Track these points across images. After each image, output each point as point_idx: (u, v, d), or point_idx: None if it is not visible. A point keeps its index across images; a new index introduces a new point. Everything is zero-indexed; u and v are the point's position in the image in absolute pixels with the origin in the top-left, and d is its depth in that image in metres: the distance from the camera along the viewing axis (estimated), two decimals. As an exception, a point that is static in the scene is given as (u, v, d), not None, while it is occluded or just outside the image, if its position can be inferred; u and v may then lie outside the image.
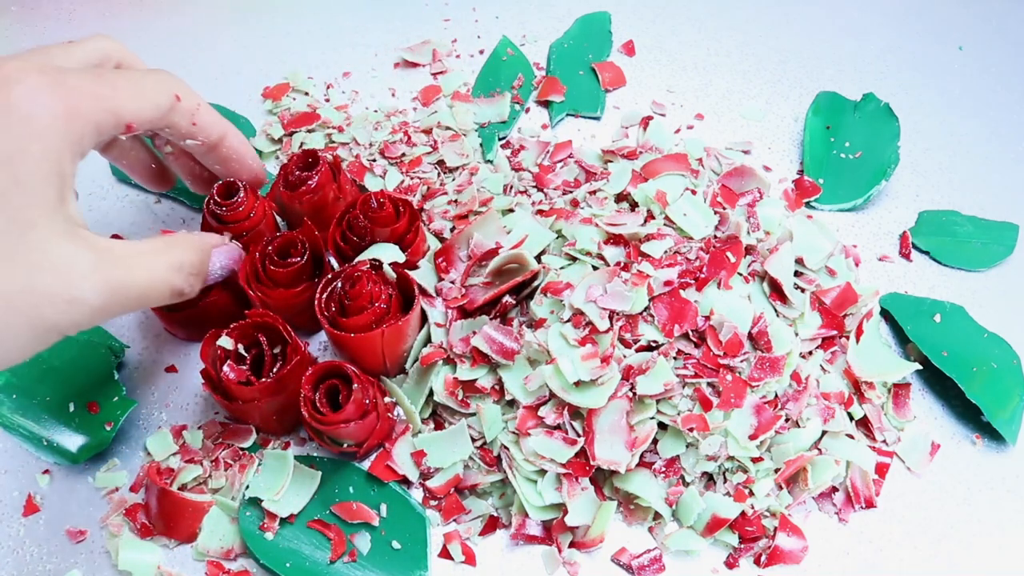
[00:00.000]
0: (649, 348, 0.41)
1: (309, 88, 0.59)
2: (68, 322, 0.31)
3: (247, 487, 0.41)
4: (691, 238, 0.45)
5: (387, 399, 0.43)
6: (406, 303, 0.43)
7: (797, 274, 0.46)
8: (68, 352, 0.45)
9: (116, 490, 0.42)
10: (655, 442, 0.41)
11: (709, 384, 0.41)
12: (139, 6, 0.64)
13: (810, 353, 0.44)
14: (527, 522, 0.41)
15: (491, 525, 0.42)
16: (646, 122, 0.56)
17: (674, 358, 0.41)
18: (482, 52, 0.62)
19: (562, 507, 0.40)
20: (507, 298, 0.44)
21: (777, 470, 0.41)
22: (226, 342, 0.40)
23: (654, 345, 0.41)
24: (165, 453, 0.43)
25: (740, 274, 0.44)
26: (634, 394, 0.40)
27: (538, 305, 0.43)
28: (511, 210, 0.49)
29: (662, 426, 0.41)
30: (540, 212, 0.49)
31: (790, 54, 0.63)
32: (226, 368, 0.39)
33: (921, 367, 0.46)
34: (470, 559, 0.41)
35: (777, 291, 0.44)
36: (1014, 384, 0.46)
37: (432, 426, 0.44)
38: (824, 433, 0.43)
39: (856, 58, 0.63)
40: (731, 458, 0.41)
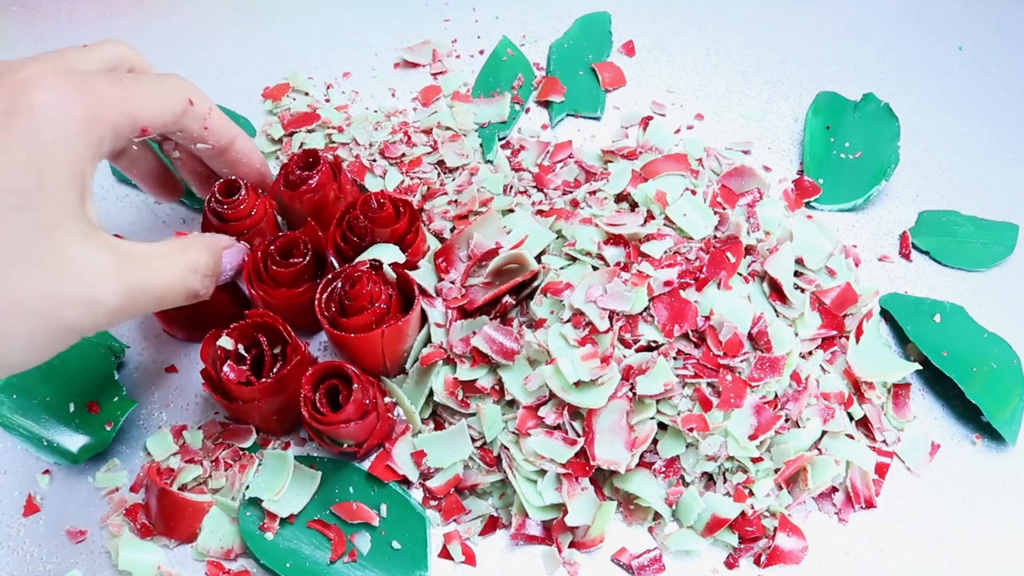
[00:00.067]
0: (649, 348, 0.41)
1: (309, 88, 0.59)
2: (88, 323, 0.31)
3: (247, 487, 0.41)
4: (691, 238, 0.45)
5: (387, 399, 0.43)
6: (406, 303, 0.43)
7: (797, 274, 0.46)
8: (68, 352, 0.43)
9: (116, 490, 0.42)
10: (655, 442, 0.41)
11: (709, 384, 0.41)
12: (139, 6, 0.64)
13: (810, 353, 0.44)
14: (527, 522, 0.41)
15: (491, 525, 0.42)
16: (646, 122, 0.56)
17: (674, 358, 0.41)
18: (482, 52, 0.62)
19: (562, 507, 0.40)
20: (507, 298, 0.44)
21: (777, 470, 0.41)
22: (226, 342, 0.40)
23: (654, 345, 0.41)
24: (165, 453, 0.43)
25: (740, 274, 0.44)
26: (634, 394, 0.40)
27: (538, 305, 0.43)
28: (511, 210, 0.49)
29: (662, 426, 0.41)
30: (540, 212, 0.49)
31: (790, 54, 0.63)
32: (226, 368, 0.39)
33: (921, 367, 0.46)
34: (470, 559, 0.41)
35: (777, 291, 0.44)
36: (1014, 384, 0.46)
37: (432, 426, 0.44)
38: (824, 433, 0.43)
39: (856, 58, 0.63)
40: (731, 458, 0.41)
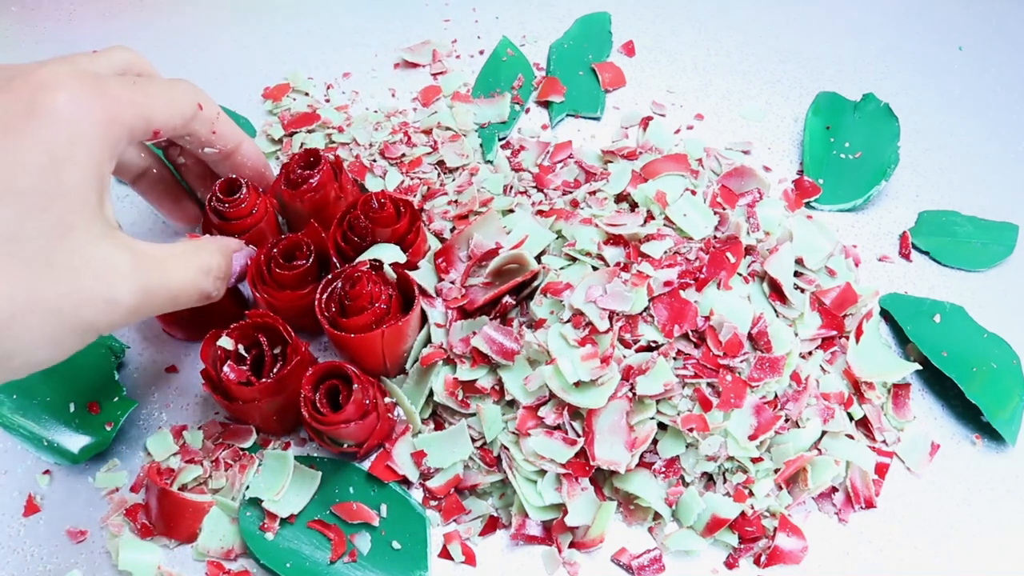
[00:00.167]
0: (649, 348, 0.41)
1: (309, 88, 0.59)
2: (105, 322, 0.32)
3: (247, 487, 0.41)
4: (691, 238, 0.45)
5: (387, 399, 0.43)
6: (406, 303, 0.43)
7: (797, 274, 0.46)
8: (68, 352, 0.45)
9: (116, 490, 0.42)
10: (655, 442, 0.41)
11: (709, 384, 0.41)
12: (139, 6, 0.64)
13: (810, 353, 0.44)
14: (527, 522, 0.41)
15: (491, 525, 0.42)
16: (646, 122, 0.56)
17: (674, 358, 0.41)
18: (482, 52, 0.62)
19: (562, 507, 0.40)
20: (507, 298, 0.44)
21: (777, 470, 0.41)
22: (226, 342, 0.40)
23: (654, 345, 0.41)
24: (165, 453, 0.43)
25: (740, 274, 0.44)
26: (634, 394, 0.40)
27: (538, 305, 0.43)
28: (511, 210, 0.49)
29: (662, 426, 0.41)
30: (540, 212, 0.49)
31: (790, 54, 0.63)
32: (226, 368, 0.39)
33: (921, 367, 0.46)
34: (470, 559, 0.41)
35: (777, 291, 0.44)
36: (1014, 384, 0.46)
37: (432, 426, 0.44)
38: (824, 433, 0.43)
39: (856, 58, 0.63)
40: (731, 458, 0.41)
